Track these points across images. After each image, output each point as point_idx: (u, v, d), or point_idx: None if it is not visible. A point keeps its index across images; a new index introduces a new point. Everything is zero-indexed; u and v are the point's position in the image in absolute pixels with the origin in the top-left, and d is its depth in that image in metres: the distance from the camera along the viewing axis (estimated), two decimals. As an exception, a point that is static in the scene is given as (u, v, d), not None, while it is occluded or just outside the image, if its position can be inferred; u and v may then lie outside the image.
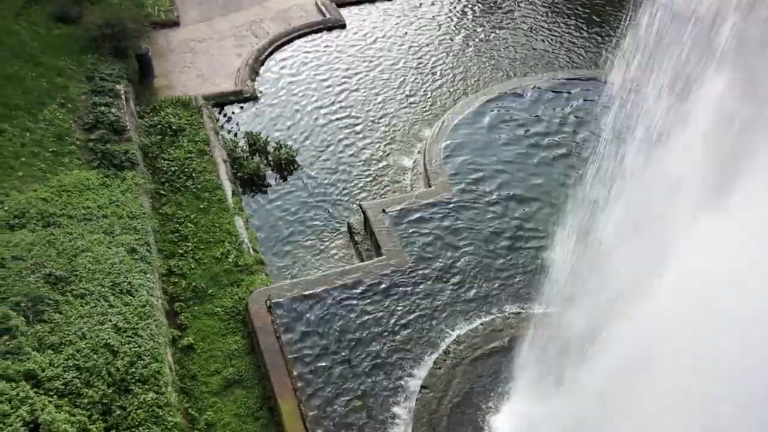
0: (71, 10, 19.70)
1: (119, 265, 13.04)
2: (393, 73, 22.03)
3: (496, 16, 25.16)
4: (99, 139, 16.04)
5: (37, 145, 15.59)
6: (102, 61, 18.61)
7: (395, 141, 19.46)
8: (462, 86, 21.57)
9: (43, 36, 18.84)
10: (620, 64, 13.42)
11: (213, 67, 21.60)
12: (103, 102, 17.07)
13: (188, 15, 24.09)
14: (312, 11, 24.64)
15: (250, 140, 18.91)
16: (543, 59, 22.89)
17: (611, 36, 23.89)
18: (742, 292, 8.04)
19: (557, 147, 18.57)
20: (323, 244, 16.50)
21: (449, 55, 22.95)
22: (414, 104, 20.81)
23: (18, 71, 17.19)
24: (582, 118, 19.53)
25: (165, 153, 17.60)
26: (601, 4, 25.77)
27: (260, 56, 22.28)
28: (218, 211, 16.25)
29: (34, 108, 16.43)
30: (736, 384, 8.06)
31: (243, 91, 20.67)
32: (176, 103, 19.29)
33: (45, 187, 14.53)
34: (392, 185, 18.11)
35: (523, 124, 19.23)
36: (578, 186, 16.98)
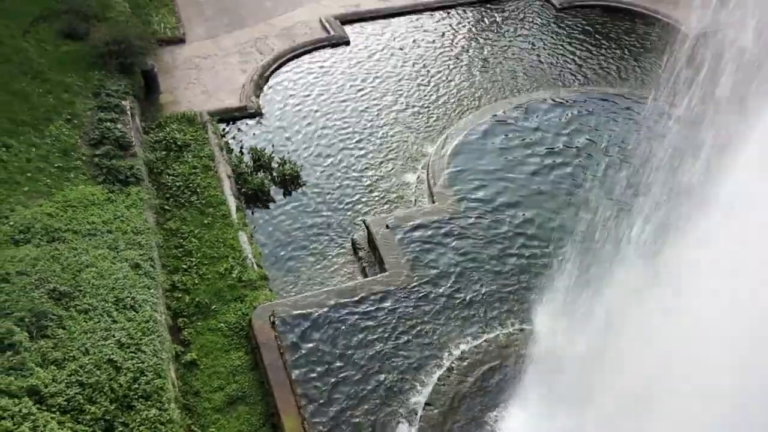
0: (79, 27, 19.85)
1: (123, 281, 13.05)
2: (396, 89, 22.13)
3: (500, 33, 25.27)
4: (104, 154, 16.11)
5: (43, 160, 15.66)
6: (108, 77, 18.73)
7: (399, 156, 19.50)
8: (467, 102, 21.63)
9: (50, 53, 18.98)
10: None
11: (218, 83, 21.72)
12: (108, 118, 17.16)
13: (194, 32, 24.27)
14: (316, 28, 24.80)
15: (255, 156, 18.99)
16: (548, 77, 22.95)
17: (620, 55, 24.03)
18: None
19: (562, 163, 18.59)
20: (327, 259, 16.51)
21: (454, 71, 23.04)
22: (418, 120, 20.88)
23: (25, 87, 17.32)
24: (595, 136, 19.53)
25: (170, 168, 17.67)
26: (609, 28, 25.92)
27: (265, 72, 22.41)
28: (222, 227, 16.28)
29: (41, 124, 16.52)
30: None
31: (247, 107, 20.77)
32: (181, 119, 19.39)
33: (50, 202, 14.58)
34: (396, 201, 18.13)
35: (529, 141, 19.26)
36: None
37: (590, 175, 18.07)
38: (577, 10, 26.43)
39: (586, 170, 18.31)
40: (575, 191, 17.68)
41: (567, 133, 19.58)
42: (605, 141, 19.24)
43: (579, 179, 18.03)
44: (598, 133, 19.56)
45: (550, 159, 18.69)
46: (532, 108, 20.41)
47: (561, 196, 17.58)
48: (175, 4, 25.47)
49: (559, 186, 17.87)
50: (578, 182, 17.94)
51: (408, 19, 25.82)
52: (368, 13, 25.83)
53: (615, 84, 22.44)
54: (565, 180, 18.04)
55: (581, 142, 19.27)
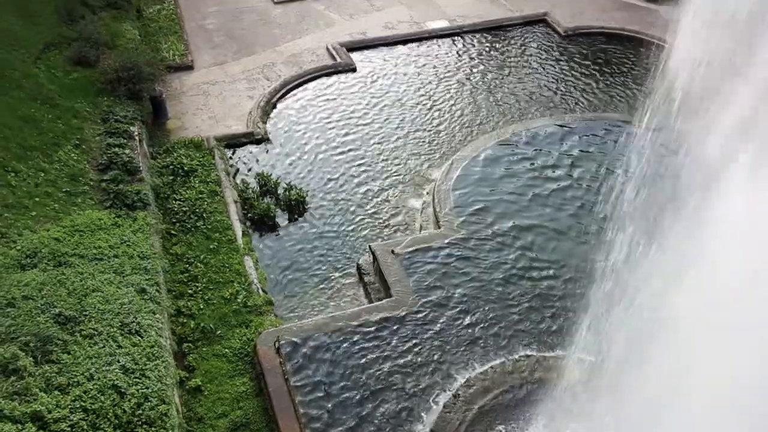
0: (89, 54, 20.14)
1: (128, 305, 13.05)
2: (403, 115, 22.27)
3: (505, 59, 25.48)
4: (112, 179, 16.22)
5: (51, 185, 15.78)
6: (117, 103, 18.94)
7: (405, 182, 19.57)
8: (472, 127, 21.74)
9: (60, 79, 19.24)
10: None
11: (225, 109, 21.93)
12: (117, 143, 17.31)
13: (202, 59, 24.59)
14: (323, 55, 25.07)
15: (261, 181, 19.08)
16: (553, 103, 23.07)
17: (622, 82, 24.18)
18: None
19: (567, 187, 18.60)
20: (333, 284, 16.48)
21: (459, 97, 23.20)
22: (423, 145, 20.98)
23: (35, 113, 17.51)
24: (601, 162, 19.56)
25: (177, 193, 17.77)
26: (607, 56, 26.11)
27: (272, 98, 22.63)
28: (228, 252, 16.31)
29: (50, 149, 16.68)
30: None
31: (254, 133, 20.93)
32: (188, 145, 19.55)
33: (57, 226, 14.66)
34: (401, 226, 18.15)
35: (535, 166, 19.29)
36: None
37: (596, 199, 18.06)
38: (581, 37, 26.66)
39: (592, 193, 18.31)
40: (581, 215, 17.64)
41: (572, 158, 19.61)
42: (609, 165, 19.25)
43: (585, 203, 18.01)
44: (603, 158, 19.58)
45: (556, 184, 18.70)
46: (537, 133, 20.49)
47: (567, 220, 17.55)
48: (184, 32, 25.87)
49: (565, 210, 17.85)
50: (584, 206, 17.91)
51: (414, 46, 26.10)
52: (374, 41, 26.13)
53: (621, 110, 22.53)
54: (571, 204, 18.03)
55: (586, 167, 19.29)
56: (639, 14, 27.99)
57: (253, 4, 28.53)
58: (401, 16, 27.85)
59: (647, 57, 25.14)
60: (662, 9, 28.17)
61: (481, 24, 27.37)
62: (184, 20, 26.84)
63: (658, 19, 27.37)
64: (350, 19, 27.59)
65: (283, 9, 28.24)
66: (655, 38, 25.91)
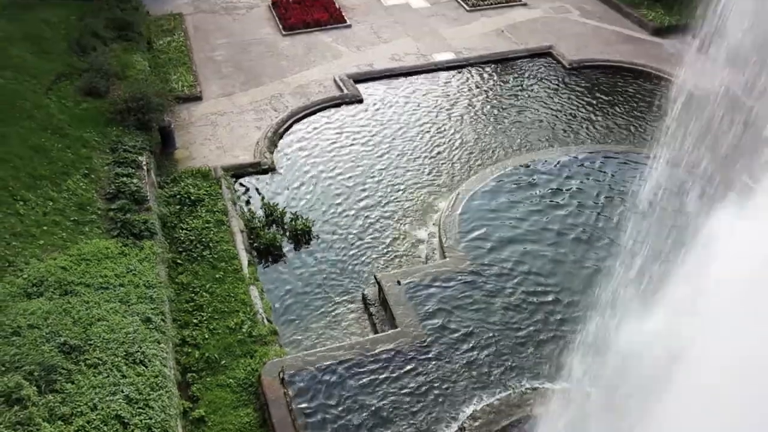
0: (99, 85, 20.41)
1: (133, 335, 13.03)
2: (408, 146, 22.40)
3: (511, 91, 25.68)
4: (120, 208, 16.33)
5: (60, 214, 15.89)
6: (126, 133, 19.14)
7: (410, 212, 19.61)
8: (478, 158, 21.83)
9: (71, 109, 19.48)
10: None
11: (233, 140, 22.12)
12: (125, 173, 17.46)
13: (210, 90, 24.88)
14: (330, 86, 25.33)
15: (267, 211, 19.17)
16: (558, 134, 23.18)
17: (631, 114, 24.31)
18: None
19: (574, 217, 18.59)
20: (338, 315, 16.44)
21: (465, 128, 23.33)
22: (429, 175, 21.06)
23: (45, 143, 17.71)
24: (607, 193, 19.57)
25: (183, 223, 17.85)
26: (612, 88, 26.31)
27: (279, 129, 22.82)
28: (234, 281, 16.31)
29: (59, 178, 16.83)
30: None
31: (261, 163, 21.07)
32: (196, 174, 19.69)
33: (64, 255, 14.73)
34: (407, 256, 18.14)
35: (541, 197, 19.31)
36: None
37: (603, 229, 18.05)
38: (586, 70, 26.86)
39: (599, 224, 18.30)
40: (588, 245, 17.62)
41: (579, 188, 19.65)
42: (615, 195, 19.27)
43: (593, 233, 17.99)
44: (609, 189, 19.60)
45: (562, 215, 18.70)
46: (543, 165, 20.55)
47: (574, 250, 17.52)
48: (193, 63, 26.22)
49: (572, 241, 17.83)
50: (592, 236, 17.89)
51: (420, 78, 26.33)
52: (381, 72, 26.41)
53: (627, 142, 22.60)
54: (578, 234, 18.00)
55: (594, 198, 19.31)
56: (644, 47, 28.24)
57: (262, 37, 28.95)
58: (408, 48, 28.18)
59: (653, 89, 25.37)
60: (667, 42, 28.46)
61: (487, 56, 27.63)
62: (194, 52, 27.22)
63: (662, 53, 27.66)
64: (357, 51, 27.93)
65: (291, 41, 28.63)
66: (660, 71, 26.14)
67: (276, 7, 31.10)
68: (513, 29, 29.82)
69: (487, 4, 31.96)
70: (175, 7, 31.16)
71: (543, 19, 30.77)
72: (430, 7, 32.00)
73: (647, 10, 30.46)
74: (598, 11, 31.56)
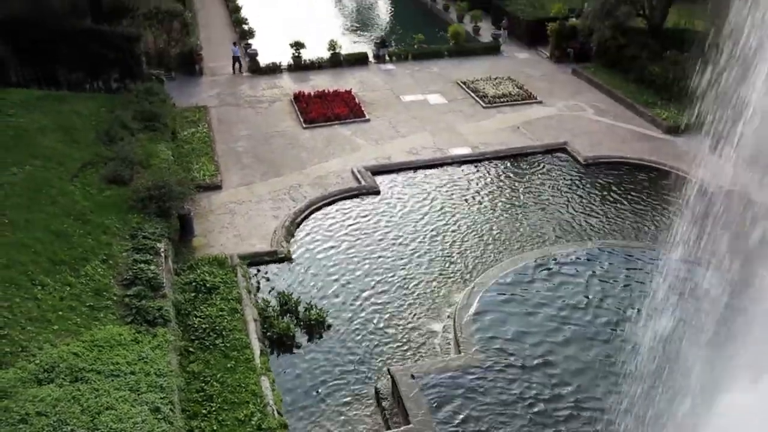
0: (123, 173, 20.97)
1: (141, 425, 12.78)
2: (424, 238, 22.52)
3: (527, 186, 25.98)
4: (135, 295, 16.41)
5: (76, 299, 15.97)
6: (146, 220, 19.47)
7: (425, 305, 19.48)
8: (493, 252, 21.85)
9: (94, 196, 19.95)
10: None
11: (250, 228, 22.41)
12: (143, 259, 17.65)
13: (231, 179, 25.45)
14: (348, 178, 25.82)
15: (282, 300, 19.14)
16: (574, 229, 23.24)
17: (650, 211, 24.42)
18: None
19: (589, 314, 18.34)
20: (349, 409, 16.07)
21: (481, 222, 23.49)
22: (444, 268, 21.04)
23: (67, 228, 18.04)
24: (620, 289, 19.40)
25: (197, 310, 17.85)
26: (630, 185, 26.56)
27: (296, 219, 23.11)
28: (245, 371, 16.10)
29: (78, 263, 17.03)
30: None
31: (278, 252, 21.23)
32: (212, 262, 19.85)
33: (78, 341, 14.69)
34: (421, 350, 17.88)
35: (556, 292, 19.15)
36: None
37: (619, 327, 17.75)
38: (601, 166, 27.23)
39: (614, 322, 18.02)
40: (605, 343, 17.30)
41: (594, 284, 19.49)
42: (631, 294, 19.06)
43: (608, 331, 17.70)
44: (623, 287, 19.43)
45: (577, 312, 18.48)
46: (558, 260, 20.50)
47: (590, 348, 17.18)
48: (215, 153, 26.98)
49: (588, 338, 17.51)
50: (607, 335, 17.59)
51: (437, 172, 26.81)
52: (399, 165, 26.96)
53: (641, 238, 22.58)
54: (595, 332, 17.71)
55: (607, 294, 19.12)
56: (657, 145, 28.71)
57: (283, 129, 29.84)
58: (425, 142, 28.85)
59: (667, 186, 25.55)
60: (680, 141, 28.92)
61: (502, 151, 28.20)
62: (216, 143, 28.06)
63: (676, 151, 28.07)
64: (375, 144, 28.63)
65: (311, 133, 29.46)
66: (675, 169, 26.43)
67: (297, 101, 32.24)
68: (528, 126, 30.54)
69: (503, 102, 32.90)
70: (201, 100, 32.43)
71: (558, 117, 31.55)
72: (448, 103, 32.99)
73: (660, 109, 31.17)
74: (612, 110, 32.33)
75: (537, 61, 39.30)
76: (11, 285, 15.57)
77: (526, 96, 33.59)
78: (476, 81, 35.29)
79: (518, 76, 36.23)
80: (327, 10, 52.39)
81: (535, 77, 36.48)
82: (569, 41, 38.52)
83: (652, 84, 32.93)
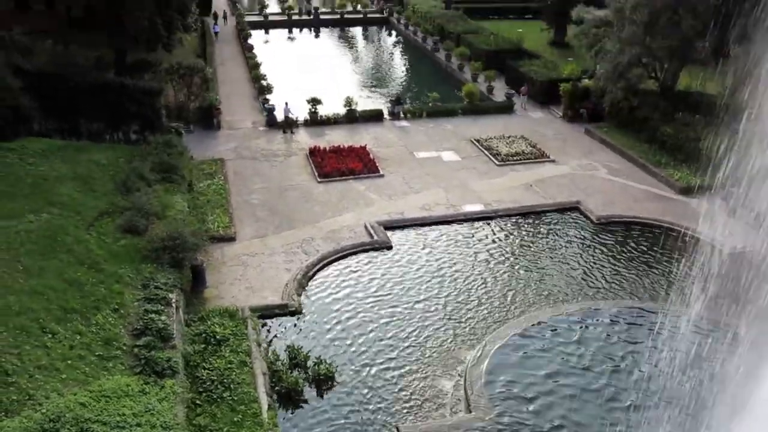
0: (139, 224, 21.16)
1: (145, 479, 12.57)
2: (435, 294, 22.40)
3: (539, 243, 25.93)
4: (145, 345, 16.34)
5: (86, 348, 15.93)
6: (159, 270, 19.54)
7: (435, 362, 19.22)
8: (504, 309, 21.65)
9: (109, 245, 20.11)
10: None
11: (262, 280, 22.42)
12: (154, 309, 17.64)
13: (244, 231, 25.61)
14: (361, 232, 25.90)
15: (291, 354, 18.98)
16: (585, 288, 23.04)
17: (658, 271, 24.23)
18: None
19: (601, 374, 18.02)
20: (357, 468, 15.72)
21: (492, 279, 23.37)
22: (455, 325, 20.84)
23: (80, 277, 18.14)
24: (631, 350, 19.10)
25: (206, 362, 17.71)
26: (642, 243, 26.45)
27: (308, 272, 23.10)
28: (252, 426, 15.85)
29: (89, 312, 17.05)
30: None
31: (289, 305, 21.17)
32: (223, 313, 19.79)
33: (85, 391, 14.58)
34: (431, 408, 17.56)
35: (568, 351, 18.88)
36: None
37: (632, 389, 17.41)
38: (614, 226, 27.18)
39: (627, 383, 17.68)
40: (616, 403, 16.93)
41: (606, 344, 19.22)
42: (644, 353, 18.76)
43: (620, 391, 17.35)
44: (636, 346, 19.13)
45: (590, 371, 18.18)
46: (570, 318, 20.30)
47: (602, 408, 16.82)
48: (230, 205, 27.24)
49: (600, 398, 17.17)
50: (619, 395, 17.24)
51: (449, 228, 26.86)
52: (411, 221, 27.06)
53: (654, 298, 22.34)
54: (605, 392, 17.36)
55: (620, 354, 18.83)
56: (671, 205, 28.68)
57: (297, 182, 30.15)
58: (438, 198, 29.01)
59: (681, 247, 25.38)
60: (694, 202, 28.88)
61: (515, 209, 28.26)
62: (231, 195, 28.37)
63: (690, 212, 27.99)
64: (389, 199, 28.80)
65: (325, 188, 29.73)
66: (688, 230, 26.29)
67: (313, 155, 32.66)
68: (541, 184, 30.68)
69: (516, 160, 33.16)
70: (218, 153, 32.94)
71: (571, 175, 31.70)
72: (461, 160, 33.29)
73: (673, 170, 31.27)
74: (625, 170, 32.46)
75: (550, 121, 39.75)
76: (22, 332, 15.59)
77: (539, 154, 33.85)
78: (490, 139, 35.66)
79: (531, 134, 36.60)
80: (344, 67, 53.56)
81: (548, 136, 36.83)
82: (582, 101, 39.03)
83: (665, 145, 33.14)
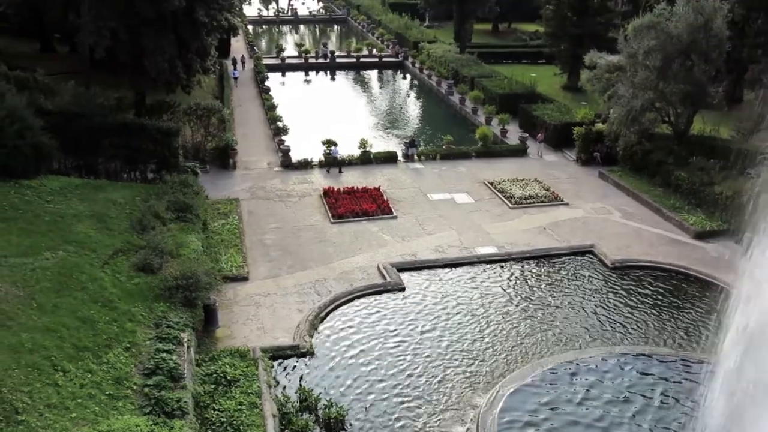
0: (153, 262, 21.27)
1: None
2: (448, 337, 22.18)
3: (553, 287, 25.72)
4: (155, 385, 16.25)
5: (96, 387, 15.88)
6: (172, 309, 19.56)
7: (448, 407, 18.93)
8: (518, 354, 21.37)
9: (123, 283, 20.20)
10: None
11: (274, 321, 22.34)
12: (165, 349, 17.60)
13: (257, 271, 25.63)
14: (374, 274, 25.84)
15: (302, 396, 18.78)
16: (600, 333, 22.74)
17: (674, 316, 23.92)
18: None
19: (617, 420, 17.67)
20: None
21: (505, 322, 23.13)
22: (468, 369, 20.56)
23: (93, 315, 18.19)
24: (641, 398, 18.77)
25: (216, 403, 17.56)
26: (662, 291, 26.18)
27: (321, 313, 23.01)
28: (260, 470, 15.64)
29: (101, 350, 17.04)
30: None
31: (300, 346, 21.03)
32: (234, 354, 19.70)
33: (94, 431, 14.47)
34: (443, 454, 17.24)
35: (582, 397, 18.58)
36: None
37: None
38: (629, 270, 26.93)
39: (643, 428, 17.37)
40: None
41: (621, 391, 18.89)
42: (657, 401, 18.41)
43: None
44: (651, 392, 18.79)
45: (605, 416, 17.83)
46: (584, 364, 20.02)
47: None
48: (244, 245, 27.33)
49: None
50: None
51: (462, 270, 26.72)
52: (424, 263, 26.96)
53: (669, 344, 21.99)
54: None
55: (634, 401, 18.50)
56: (686, 250, 28.43)
57: (311, 223, 30.26)
58: (451, 240, 28.95)
59: (697, 293, 25.10)
60: (709, 246, 28.64)
61: (529, 252, 28.12)
62: (245, 234, 28.49)
63: (706, 256, 27.74)
64: (402, 241, 28.79)
65: (339, 229, 29.80)
66: (705, 275, 26.03)
67: (327, 196, 32.84)
68: (555, 227, 30.58)
69: (530, 203, 33.14)
70: (233, 193, 33.22)
71: (584, 219, 31.60)
72: (474, 203, 33.32)
73: (688, 214, 31.10)
74: (639, 214, 32.32)
75: (564, 164, 39.83)
76: (34, 370, 15.59)
77: (553, 198, 33.83)
78: (503, 182, 35.74)
79: (545, 178, 36.65)
80: (359, 109, 54.17)
81: (562, 179, 36.86)
82: (595, 145, 39.12)
83: (679, 189, 33.04)
